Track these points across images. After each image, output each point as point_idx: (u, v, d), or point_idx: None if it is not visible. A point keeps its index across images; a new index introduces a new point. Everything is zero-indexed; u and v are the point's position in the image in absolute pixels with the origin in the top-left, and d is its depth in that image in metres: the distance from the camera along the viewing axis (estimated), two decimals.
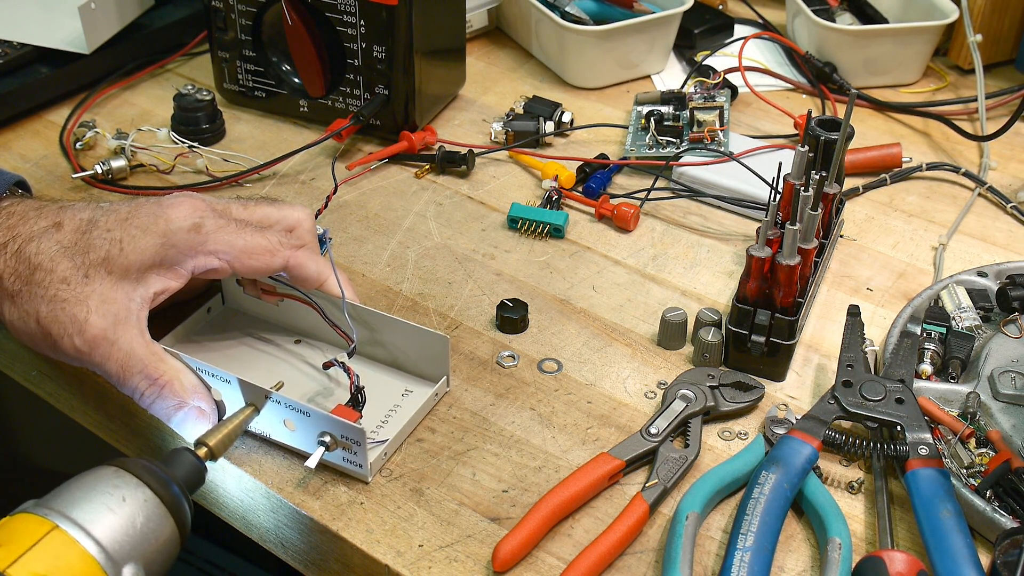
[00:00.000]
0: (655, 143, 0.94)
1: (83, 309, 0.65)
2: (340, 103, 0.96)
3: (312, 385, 0.72)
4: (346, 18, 0.91)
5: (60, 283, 0.66)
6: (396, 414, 0.70)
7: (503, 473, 0.68)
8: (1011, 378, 0.70)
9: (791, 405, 0.72)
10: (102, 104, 1.02)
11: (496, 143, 0.97)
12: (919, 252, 0.87)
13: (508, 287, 0.82)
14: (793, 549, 0.64)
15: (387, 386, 0.72)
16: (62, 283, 0.66)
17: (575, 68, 1.06)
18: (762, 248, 0.72)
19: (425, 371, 0.73)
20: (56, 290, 0.66)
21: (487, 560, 0.62)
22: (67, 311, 0.65)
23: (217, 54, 0.99)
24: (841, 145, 0.76)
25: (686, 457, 0.68)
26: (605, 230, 0.88)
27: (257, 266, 0.69)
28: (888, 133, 1.02)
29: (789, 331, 0.72)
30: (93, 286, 0.66)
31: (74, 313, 0.65)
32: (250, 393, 0.66)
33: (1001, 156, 0.98)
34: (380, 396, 0.71)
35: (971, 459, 0.66)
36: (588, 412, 0.72)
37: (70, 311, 0.65)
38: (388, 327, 0.72)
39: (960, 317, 0.76)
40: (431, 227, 0.88)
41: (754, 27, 1.16)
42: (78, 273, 0.66)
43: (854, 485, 0.67)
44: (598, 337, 0.78)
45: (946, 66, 1.11)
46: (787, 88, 1.08)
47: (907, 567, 0.58)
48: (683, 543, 0.61)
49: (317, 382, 0.72)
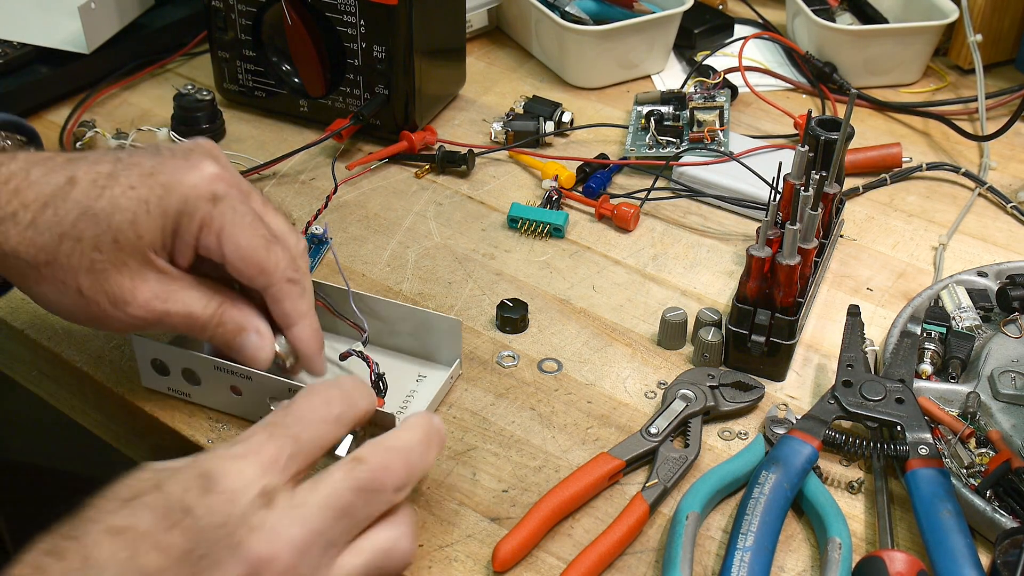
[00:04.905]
0: (655, 143, 0.94)
1: (127, 277, 0.61)
2: (340, 103, 0.96)
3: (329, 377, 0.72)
4: (346, 18, 0.91)
5: (93, 251, 0.60)
6: (414, 399, 0.71)
7: (503, 473, 0.68)
8: (1011, 378, 0.70)
9: (791, 405, 0.72)
10: (102, 104, 1.02)
11: (496, 143, 0.97)
12: (919, 252, 0.87)
13: (508, 287, 0.82)
14: (793, 549, 0.64)
15: (401, 373, 0.73)
16: (95, 251, 0.60)
17: (575, 68, 1.06)
18: (762, 248, 0.72)
19: (438, 355, 0.73)
20: (91, 259, 0.60)
21: (487, 560, 0.62)
22: (112, 281, 0.61)
23: (217, 54, 0.99)
24: (841, 145, 0.76)
25: (686, 457, 0.68)
26: (605, 230, 0.88)
27: (244, 275, 0.64)
28: (888, 133, 1.02)
29: (789, 331, 0.72)
30: (127, 251, 0.61)
31: (120, 282, 0.61)
32: (271, 388, 0.66)
33: (1001, 156, 0.98)
34: (395, 383, 0.71)
35: (971, 459, 0.66)
36: (588, 412, 0.72)
37: (115, 280, 0.61)
38: (398, 314, 0.72)
39: (960, 317, 0.76)
40: (431, 227, 0.88)
41: (754, 27, 1.16)
42: (107, 238, 0.60)
43: (854, 485, 0.67)
44: (598, 337, 0.78)
45: (946, 66, 1.11)
46: (787, 88, 1.08)
47: (907, 567, 0.58)
48: (683, 543, 0.61)
49: (334, 373, 0.72)
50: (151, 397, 0.72)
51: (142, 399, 0.72)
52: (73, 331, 0.76)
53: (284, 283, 0.65)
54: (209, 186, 0.62)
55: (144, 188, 0.61)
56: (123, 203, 0.61)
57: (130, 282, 0.61)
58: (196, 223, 0.62)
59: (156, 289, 0.62)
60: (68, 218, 0.60)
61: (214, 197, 0.62)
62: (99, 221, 0.60)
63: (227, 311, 0.65)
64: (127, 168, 0.62)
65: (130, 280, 0.61)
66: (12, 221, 0.60)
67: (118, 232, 0.61)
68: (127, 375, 0.73)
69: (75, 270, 0.61)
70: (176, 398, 0.71)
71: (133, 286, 0.62)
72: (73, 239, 0.60)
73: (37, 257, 0.61)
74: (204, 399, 0.70)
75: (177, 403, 0.71)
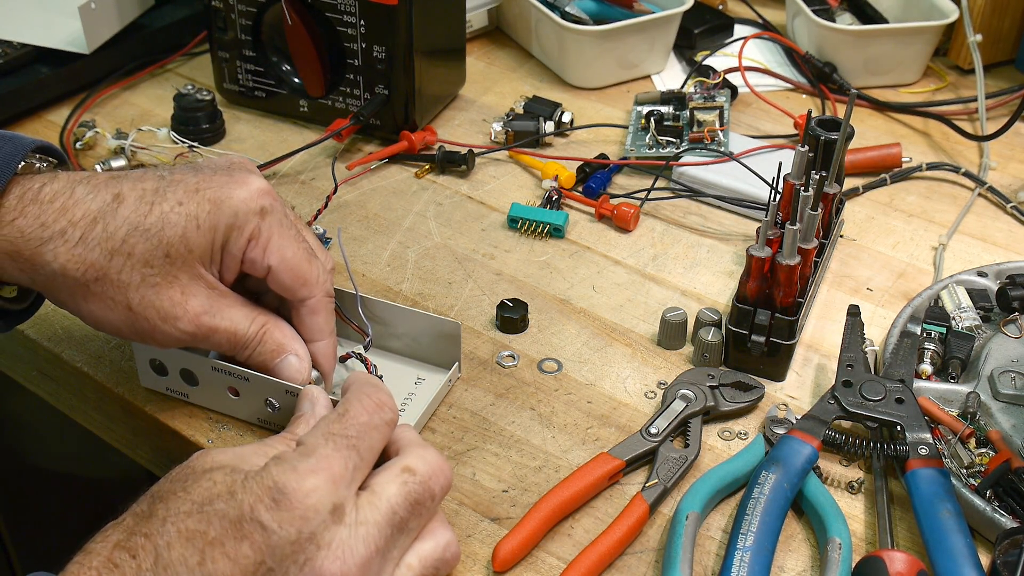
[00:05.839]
0: (655, 143, 0.94)
1: (178, 292, 0.62)
2: (340, 103, 0.96)
3: None
4: (346, 18, 0.91)
5: (143, 267, 0.61)
6: (412, 402, 0.71)
7: (503, 473, 0.68)
8: (1011, 378, 0.70)
9: (791, 405, 0.72)
10: (102, 104, 1.02)
11: (496, 143, 0.97)
12: (919, 252, 0.87)
13: (508, 287, 0.82)
14: (793, 549, 0.64)
15: (400, 375, 0.73)
16: (145, 267, 0.61)
17: (575, 68, 1.06)
18: (762, 248, 0.72)
19: (437, 358, 0.73)
20: (142, 275, 0.61)
21: (487, 560, 0.62)
22: (162, 296, 0.62)
23: (217, 54, 0.99)
24: (841, 145, 0.76)
25: (686, 457, 0.68)
26: (605, 230, 0.88)
27: (288, 286, 0.65)
28: (888, 133, 1.02)
29: (789, 331, 0.72)
30: (178, 266, 0.62)
31: (171, 296, 0.62)
32: (268, 389, 0.66)
33: (1001, 156, 0.98)
34: (394, 385, 0.71)
35: (971, 459, 0.66)
36: (588, 412, 0.72)
37: (166, 296, 0.62)
38: (398, 317, 0.72)
39: (960, 317, 0.76)
40: (431, 227, 0.88)
41: (754, 27, 1.16)
42: (158, 253, 0.61)
43: (854, 485, 0.67)
44: (598, 337, 0.78)
45: (946, 66, 1.11)
46: (787, 88, 1.08)
47: (907, 567, 0.58)
48: (683, 543, 0.61)
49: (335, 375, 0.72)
50: (151, 398, 0.72)
51: (142, 399, 0.72)
52: (73, 332, 0.76)
53: (323, 296, 0.67)
54: (258, 200, 0.63)
55: (192, 204, 0.62)
56: (173, 218, 0.62)
57: (181, 296, 0.62)
58: (245, 236, 0.63)
59: (205, 304, 0.63)
60: (118, 234, 0.61)
61: (262, 211, 0.63)
62: (150, 236, 0.61)
63: (270, 331, 0.66)
64: (172, 185, 0.63)
65: (181, 295, 0.62)
66: (61, 239, 0.60)
67: (169, 247, 0.62)
68: (127, 375, 0.73)
69: (125, 286, 0.61)
70: (175, 398, 0.71)
71: (184, 300, 0.63)
72: (124, 255, 0.61)
73: (87, 274, 0.61)
74: (202, 400, 0.71)
75: (177, 403, 0.71)
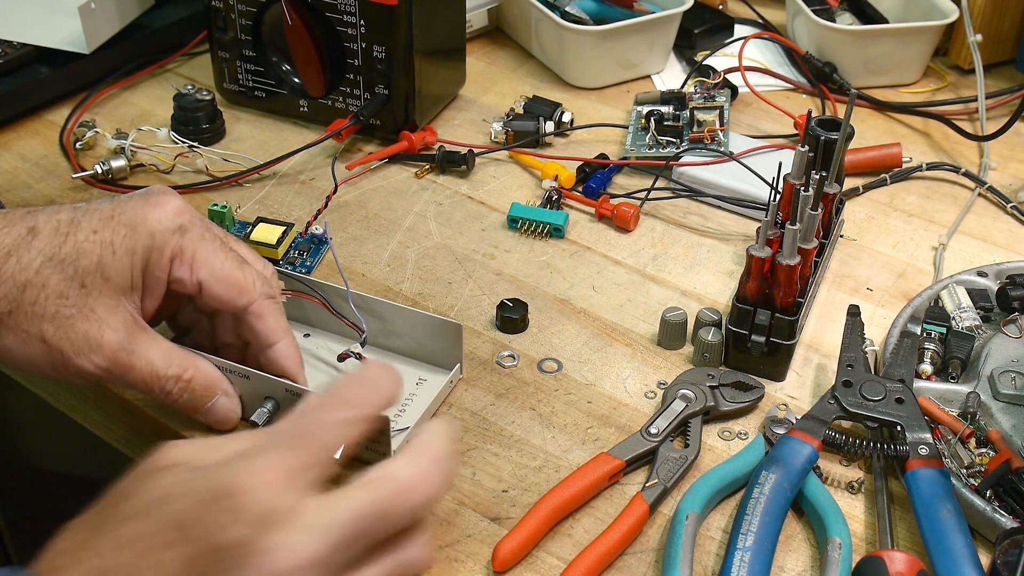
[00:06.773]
0: (655, 143, 0.94)
1: (94, 324, 0.61)
2: (340, 103, 0.96)
3: (327, 378, 0.72)
4: (346, 18, 0.91)
5: (58, 298, 0.60)
6: (412, 403, 0.71)
7: (503, 473, 0.68)
8: (1011, 378, 0.70)
9: (791, 405, 0.72)
10: (102, 104, 1.02)
11: (496, 143, 0.97)
12: (919, 252, 0.87)
13: (508, 287, 0.82)
14: (793, 549, 0.64)
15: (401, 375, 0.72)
16: (60, 298, 0.60)
17: (575, 68, 1.06)
18: (762, 248, 0.72)
19: (438, 359, 0.73)
20: (56, 306, 0.60)
21: (487, 560, 0.62)
22: (77, 328, 0.60)
23: (217, 54, 0.99)
24: (841, 145, 0.76)
25: (686, 457, 0.68)
26: (605, 230, 0.88)
27: (223, 297, 0.64)
28: (888, 133, 1.02)
29: (789, 331, 0.72)
30: (94, 296, 0.61)
31: (86, 329, 0.61)
32: (268, 387, 0.66)
33: (1001, 156, 0.98)
34: None
35: (971, 459, 0.66)
36: (588, 412, 0.72)
37: (81, 328, 0.61)
38: (399, 317, 0.72)
39: (960, 317, 0.76)
40: (431, 227, 0.88)
41: (754, 27, 1.16)
42: (73, 283, 0.60)
43: (854, 485, 0.67)
44: (598, 337, 0.78)
45: (946, 66, 1.11)
46: (787, 88, 1.08)
47: (907, 567, 0.59)
48: (683, 543, 0.61)
49: (331, 375, 0.72)
50: None
51: (142, 400, 0.72)
52: None
53: (264, 299, 0.66)
54: (175, 219, 0.63)
55: (107, 230, 0.61)
56: (87, 247, 0.61)
57: (97, 329, 0.61)
58: (167, 256, 0.63)
59: (122, 338, 0.62)
60: (32, 266, 0.60)
61: (181, 228, 0.63)
62: (65, 267, 0.61)
63: (196, 376, 0.65)
64: (87, 214, 0.62)
65: (97, 327, 0.61)
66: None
67: (85, 276, 0.61)
68: None
69: (39, 318, 0.60)
70: None
71: (100, 333, 0.61)
72: (38, 286, 0.60)
73: (1, 308, 0.60)
74: None
75: None
